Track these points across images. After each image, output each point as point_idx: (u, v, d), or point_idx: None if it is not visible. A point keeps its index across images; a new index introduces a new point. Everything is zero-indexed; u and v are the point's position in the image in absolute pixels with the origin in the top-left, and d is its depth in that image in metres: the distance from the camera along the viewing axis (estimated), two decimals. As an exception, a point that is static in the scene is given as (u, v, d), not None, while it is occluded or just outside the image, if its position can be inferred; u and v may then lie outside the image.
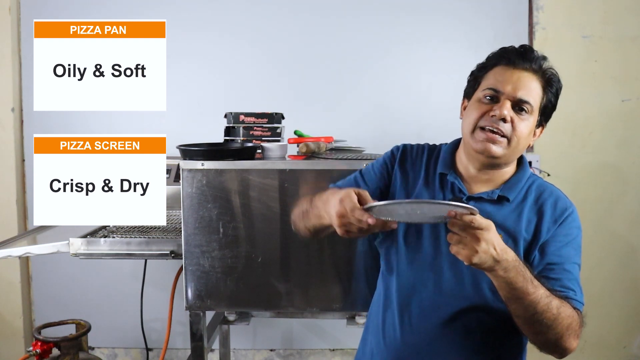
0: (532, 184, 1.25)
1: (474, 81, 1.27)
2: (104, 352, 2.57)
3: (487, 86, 1.21)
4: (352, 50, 2.42)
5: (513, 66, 1.20)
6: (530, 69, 1.20)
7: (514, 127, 1.17)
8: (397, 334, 1.24)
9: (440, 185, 1.27)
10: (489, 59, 1.26)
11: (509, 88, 1.18)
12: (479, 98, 1.22)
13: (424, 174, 1.30)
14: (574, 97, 2.43)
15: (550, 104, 1.25)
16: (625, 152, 2.46)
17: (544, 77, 1.22)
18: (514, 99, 1.18)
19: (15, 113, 2.47)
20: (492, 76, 1.22)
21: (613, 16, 2.40)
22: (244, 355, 2.58)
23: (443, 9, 2.40)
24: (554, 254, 1.17)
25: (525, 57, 1.20)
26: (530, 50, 1.22)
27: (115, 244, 1.76)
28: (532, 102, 1.19)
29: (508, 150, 1.18)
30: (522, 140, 1.19)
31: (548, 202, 1.21)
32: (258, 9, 2.42)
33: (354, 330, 2.29)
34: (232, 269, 1.67)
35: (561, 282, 1.14)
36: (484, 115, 1.19)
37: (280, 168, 1.65)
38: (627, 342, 2.54)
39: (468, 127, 1.22)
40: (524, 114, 1.19)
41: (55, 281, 2.51)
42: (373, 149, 1.97)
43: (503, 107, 1.17)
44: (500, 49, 1.25)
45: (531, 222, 1.20)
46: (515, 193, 1.22)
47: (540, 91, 1.21)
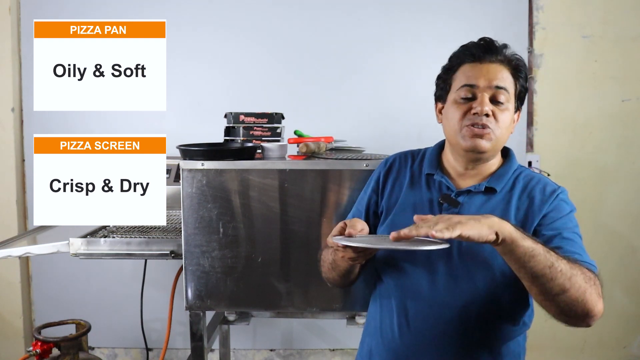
0: (519, 174, 1.27)
1: (444, 84, 1.29)
2: (104, 352, 2.57)
3: (460, 85, 1.23)
4: (352, 50, 2.42)
5: (479, 61, 1.22)
6: (496, 60, 1.22)
7: (497, 119, 1.20)
8: (396, 334, 1.24)
9: (427, 185, 1.29)
10: (453, 59, 1.28)
11: (483, 81, 1.20)
12: (454, 99, 1.24)
13: (409, 177, 1.33)
14: (574, 97, 2.43)
15: (523, 89, 1.27)
16: (625, 152, 2.45)
17: (511, 65, 1.23)
18: (491, 89, 1.20)
19: (15, 113, 2.47)
20: (462, 74, 1.24)
21: (613, 16, 2.40)
22: (244, 355, 2.58)
23: (444, 8, 2.40)
24: (549, 228, 1.16)
25: (490, 50, 1.22)
26: (492, 42, 1.24)
27: (115, 244, 1.76)
28: (509, 89, 1.21)
29: (494, 142, 1.21)
30: (505, 131, 1.22)
31: (537, 188, 1.23)
32: (258, 9, 2.42)
33: (354, 330, 2.29)
34: (232, 269, 1.67)
35: (563, 250, 1.11)
36: (466, 115, 1.21)
37: (280, 168, 1.65)
38: (627, 342, 2.54)
39: (453, 128, 1.23)
40: (502, 105, 1.21)
41: (55, 281, 2.51)
42: (373, 149, 1.97)
43: (483, 102, 1.19)
44: (462, 47, 1.27)
45: (520, 209, 1.21)
46: (502, 184, 1.24)
47: (511, 79, 1.23)
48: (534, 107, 2.43)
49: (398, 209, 1.30)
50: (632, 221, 2.48)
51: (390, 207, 1.32)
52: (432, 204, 1.26)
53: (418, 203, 1.28)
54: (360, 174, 1.63)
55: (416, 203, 1.28)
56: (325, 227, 1.65)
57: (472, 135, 1.19)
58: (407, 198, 1.30)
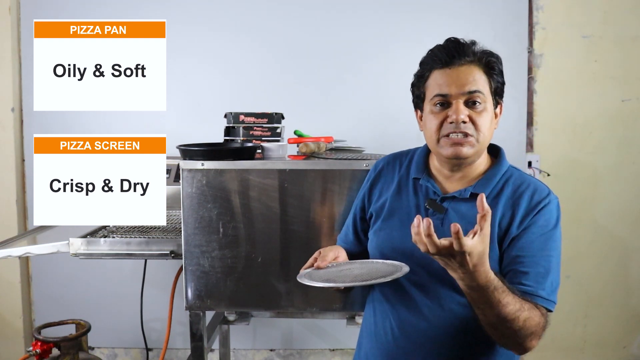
0: (509, 178, 1.23)
1: (418, 91, 1.27)
2: (104, 352, 2.57)
3: (432, 94, 1.20)
4: (352, 50, 2.42)
5: (448, 66, 1.19)
6: (465, 61, 1.18)
7: (475, 123, 1.16)
8: (389, 337, 1.24)
9: (414, 190, 1.28)
10: (423, 65, 1.25)
11: (454, 88, 1.17)
12: (430, 109, 1.21)
13: (397, 181, 1.32)
14: (574, 97, 2.43)
15: (500, 84, 1.23)
16: (625, 152, 2.45)
17: (482, 63, 1.19)
18: (464, 95, 1.16)
19: (15, 113, 2.47)
20: (433, 83, 1.21)
21: (613, 16, 2.40)
22: (244, 355, 2.58)
23: (444, 8, 2.40)
24: (525, 246, 1.15)
25: (457, 52, 1.18)
26: (457, 42, 1.20)
27: (115, 244, 1.76)
28: (482, 89, 1.17)
29: (477, 146, 1.18)
30: (487, 132, 1.19)
31: (525, 195, 1.19)
32: (258, 9, 2.42)
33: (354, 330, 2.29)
34: (232, 269, 1.67)
35: (528, 276, 1.12)
36: (442, 124, 1.18)
37: (280, 168, 1.65)
38: (627, 342, 2.54)
39: (431, 139, 1.22)
40: (478, 106, 1.17)
41: (55, 281, 2.51)
42: (373, 149, 1.97)
43: (457, 110, 1.16)
44: (429, 52, 1.24)
45: (505, 216, 1.18)
46: (489, 189, 1.20)
47: (484, 77, 1.19)
48: (534, 107, 2.43)
49: (386, 214, 1.29)
50: (632, 221, 2.48)
51: (378, 212, 1.31)
52: (418, 210, 1.25)
53: (405, 208, 1.27)
54: (360, 174, 1.63)
55: (403, 208, 1.27)
56: (325, 227, 1.65)
57: (452, 144, 1.17)
58: (394, 203, 1.29)
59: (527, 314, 1.07)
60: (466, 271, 0.99)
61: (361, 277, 1.15)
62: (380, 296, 1.29)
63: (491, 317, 1.06)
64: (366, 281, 1.11)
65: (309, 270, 1.24)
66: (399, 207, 1.28)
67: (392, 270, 1.14)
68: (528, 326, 1.07)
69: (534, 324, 1.08)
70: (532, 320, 1.08)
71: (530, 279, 1.12)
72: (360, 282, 1.10)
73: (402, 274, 1.11)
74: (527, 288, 1.12)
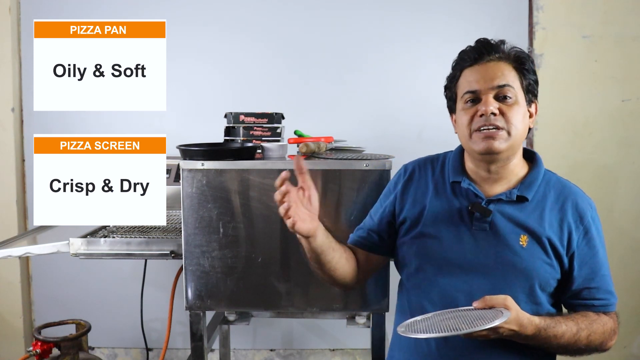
0: (549, 182, 1.25)
1: (450, 93, 1.28)
2: (104, 352, 2.57)
3: (463, 92, 1.21)
4: (352, 49, 2.42)
5: (477, 63, 1.20)
6: (495, 57, 1.20)
7: (506, 116, 1.17)
8: (432, 348, 1.21)
9: (453, 193, 1.26)
10: (454, 67, 1.27)
11: (483, 82, 1.18)
12: (462, 107, 1.22)
13: (433, 186, 1.29)
14: (574, 97, 2.43)
15: (532, 80, 1.23)
16: (625, 152, 2.45)
17: (511, 59, 1.21)
18: (493, 89, 1.17)
19: (15, 113, 2.47)
20: (464, 81, 1.22)
21: (613, 16, 2.40)
22: (244, 355, 2.58)
23: (444, 9, 2.40)
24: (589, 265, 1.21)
25: (485, 50, 1.20)
26: (486, 42, 1.22)
27: (115, 244, 1.76)
28: (512, 84, 1.18)
29: (510, 141, 1.18)
30: (519, 126, 1.18)
31: (568, 202, 1.22)
32: (258, 9, 2.42)
33: (354, 330, 2.29)
34: (232, 269, 1.67)
35: (599, 290, 1.21)
36: (473, 118, 1.19)
37: (280, 168, 1.64)
38: (627, 342, 2.54)
39: (464, 134, 1.21)
40: (509, 99, 1.18)
41: (55, 281, 2.51)
42: (373, 149, 1.96)
43: (487, 102, 1.17)
44: (460, 53, 1.26)
45: (553, 223, 1.20)
46: (533, 191, 1.21)
47: (514, 73, 1.20)
48: (534, 107, 2.43)
49: (427, 220, 1.26)
50: (632, 221, 2.48)
51: (416, 218, 1.28)
52: (461, 213, 1.23)
53: (447, 212, 1.25)
54: (360, 174, 1.63)
55: (445, 212, 1.25)
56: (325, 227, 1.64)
57: (483, 138, 1.17)
58: (434, 208, 1.26)
59: (587, 332, 1.15)
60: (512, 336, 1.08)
61: (464, 325, 1.05)
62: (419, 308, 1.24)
63: (555, 349, 1.17)
64: (481, 326, 1.02)
65: (408, 322, 1.14)
66: (441, 212, 1.25)
67: (496, 315, 1.06)
68: (593, 339, 1.16)
69: (599, 335, 1.17)
70: (595, 334, 1.16)
71: (601, 292, 1.22)
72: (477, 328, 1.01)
73: (505, 317, 1.04)
74: (601, 302, 1.22)
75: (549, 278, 1.19)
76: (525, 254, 1.18)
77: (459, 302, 1.18)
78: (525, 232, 1.18)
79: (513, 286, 1.17)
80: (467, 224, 1.22)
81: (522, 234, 1.19)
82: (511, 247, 1.18)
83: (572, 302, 1.23)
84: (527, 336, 1.09)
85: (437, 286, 1.23)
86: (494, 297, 1.08)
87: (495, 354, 1.18)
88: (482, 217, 1.20)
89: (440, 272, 1.22)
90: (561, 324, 1.13)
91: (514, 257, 1.18)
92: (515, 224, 1.19)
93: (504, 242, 1.19)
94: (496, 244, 1.19)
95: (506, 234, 1.19)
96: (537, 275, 1.17)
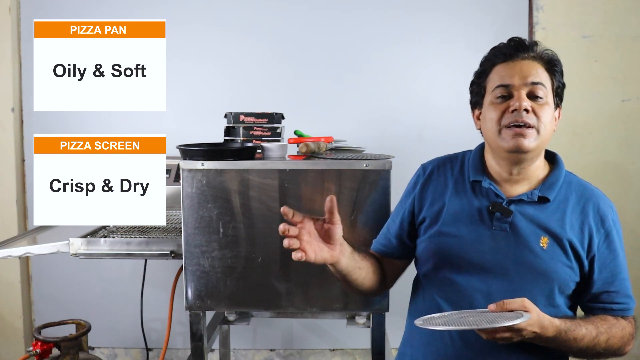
0: (570, 183, 1.24)
1: (478, 88, 1.25)
2: (104, 352, 2.57)
3: (494, 85, 1.19)
4: (352, 50, 2.42)
5: (512, 59, 1.19)
6: (528, 57, 1.19)
7: (537, 115, 1.15)
8: (449, 348, 1.21)
9: (473, 192, 1.25)
10: (485, 62, 1.25)
11: (517, 79, 1.17)
12: (491, 101, 1.20)
13: (453, 184, 1.28)
14: (574, 97, 2.42)
15: (561, 84, 1.23)
16: (625, 152, 2.45)
17: (544, 61, 1.20)
18: (527, 85, 1.16)
19: (15, 113, 2.47)
20: (496, 76, 1.20)
21: (613, 16, 2.40)
22: (244, 355, 2.58)
23: (444, 9, 2.40)
24: (609, 268, 1.20)
25: (520, 48, 1.19)
26: (521, 40, 1.21)
27: (115, 244, 1.76)
28: (545, 83, 1.18)
29: (538, 141, 1.16)
30: (548, 126, 1.17)
31: (590, 204, 1.22)
32: (258, 9, 2.42)
33: (354, 330, 2.29)
34: (232, 269, 1.67)
35: (618, 293, 1.20)
36: (504, 114, 1.16)
37: (280, 168, 1.65)
38: (627, 342, 2.54)
39: (492, 130, 1.18)
40: (540, 100, 1.17)
41: (55, 281, 2.51)
42: (373, 149, 1.96)
43: (521, 98, 1.15)
44: (493, 50, 1.24)
45: (575, 224, 1.19)
46: (554, 192, 1.20)
47: (546, 74, 1.19)
48: (534, 107, 2.43)
49: (446, 218, 1.25)
50: (632, 221, 2.48)
51: (434, 216, 1.26)
52: (481, 213, 1.22)
53: (466, 211, 1.23)
54: (360, 174, 1.63)
55: (464, 211, 1.23)
56: (325, 227, 1.64)
57: (514, 135, 1.14)
58: (453, 207, 1.25)
59: (606, 335, 1.14)
60: (533, 338, 1.07)
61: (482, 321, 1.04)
62: (435, 307, 1.23)
63: (573, 352, 1.16)
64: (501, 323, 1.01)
65: (426, 317, 1.13)
66: (461, 211, 1.24)
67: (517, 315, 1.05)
68: (612, 344, 1.15)
69: (617, 339, 1.16)
70: (614, 338, 1.15)
71: (620, 296, 1.21)
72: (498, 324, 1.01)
73: (525, 318, 1.03)
74: (621, 306, 1.20)
75: (568, 281, 1.18)
76: (545, 256, 1.16)
77: (476, 302, 1.18)
78: (546, 233, 1.17)
79: (532, 288, 1.16)
80: (487, 223, 1.21)
81: (543, 236, 1.17)
82: (531, 248, 1.17)
83: (590, 305, 1.22)
84: (548, 338, 1.08)
85: (454, 285, 1.22)
86: (511, 300, 1.06)
87: (511, 354, 1.17)
88: (503, 218, 1.19)
89: (458, 272, 1.21)
90: (581, 327, 1.12)
91: (534, 258, 1.17)
92: (536, 225, 1.18)
93: (524, 244, 1.18)
94: (516, 245, 1.18)
95: (527, 235, 1.18)
96: (557, 277, 1.16)
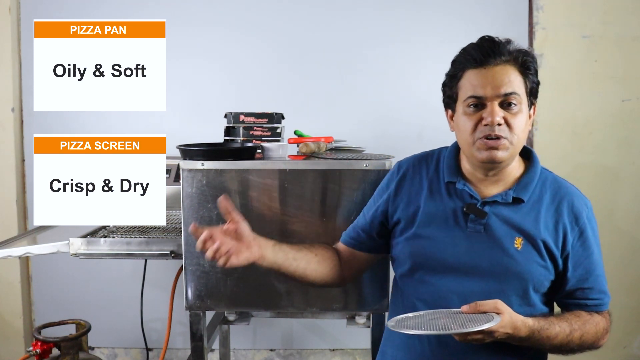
0: (545, 181, 1.23)
1: (450, 91, 1.22)
2: (104, 352, 2.57)
3: (466, 95, 1.16)
4: (352, 50, 2.42)
5: (483, 65, 1.14)
6: (501, 61, 1.14)
7: (510, 125, 1.13)
8: (425, 347, 1.21)
9: (448, 194, 1.24)
10: (455, 64, 1.20)
11: (490, 89, 1.13)
12: (463, 111, 1.17)
13: (428, 185, 1.27)
14: (574, 97, 2.43)
15: (535, 84, 1.19)
16: (625, 152, 2.45)
17: (517, 63, 1.15)
18: (499, 97, 1.13)
19: (15, 113, 2.47)
20: (467, 83, 1.16)
21: (613, 16, 2.40)
22: (244, 355, 2.58)
23: (444, 9, 2.40)
24: (583, 266, 1.20)
25: (492, 52, 1.14)
26: (492, 41, 1.15)
27: (115, 244, 1.76)
28: (518, 91, 1.14)
29: (512, 149, 1.15)
30: (521, 135, 1.16)
31: (564, 203, 1.20)
32: (258, 9, 2.42)
33: (354, 330, 2.29)
34: (232, 269, 1.66)
35: (593, 290, 1.21)
36: (477, 126, 1.15)
37: (280, 168, 1.65)
38: (627, 342, 2.54)
39: (466, 141, 1.18)
40: (514, 107, 1.14)
41: (55, 281, 2.51)
42: (373, 149, 1.96)
43: (493, 112, 1.12)
44: (462, 51, 1.20)
45: (549, 223, 1.18)
46: (529, 193, 1.20)
47: (520, 78, 1.15)
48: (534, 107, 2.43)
49: (422, 220, 1.24)
50: (632, 221, 2.48)
51: (410, 218, 1.26)
52: (456, 214, 1.22)
53: (441, 213, 1.23)
54: (360, 174, 1.63)
55: (439, 213, 1.23)
56: (326, 227, 1.64)
57: (487, 147, 1.13)
58: (428, 208, 1.24)
59: (580, 332, 1.15)
60: (506, 338, 1.09)
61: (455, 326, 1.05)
62: (413, 308, 1.23)
63: (548, 349, 1.19)
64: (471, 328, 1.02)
65: (400, 317, 1.14)
66: (435, 213, 1.23)
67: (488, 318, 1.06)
68: (586, 339, 1.16)
69: (591, 335, 1.17)
70: (588, 334, 1.17)
71: (594, 292, 1.21)
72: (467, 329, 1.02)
73: (496, 322, 1.04)
74: (595, 302, 1.21)
75: (543, 280, 1.19)
76: (520, 257, 1.17)
77: (451, 303, 1.18)
78: (521, 234, 1.17)
79: (507, 289, 1.17)
80: (462, 225, 1.21)
81: (517, 237, 1.17)
82: (506, 250, 1.18)
83: (565, 302, 1.23)
84: (522, 338, 1.10)
85: (430, 286, 1.22)
86: (484, 302, 1.08)
87: (488, 355, 1.18)
88: (477, 219, 1.19)
89: (434, 273, 1.22)
90: (554, 325, 1.13)
91: (508, 260, 1.17)
92: (511, 226, 1.18)
93: (498, 245, 1.18)
94: (491, 247, 1.18)
95: (501, 237, 1.18)
96: (531, 278, 1.17)
